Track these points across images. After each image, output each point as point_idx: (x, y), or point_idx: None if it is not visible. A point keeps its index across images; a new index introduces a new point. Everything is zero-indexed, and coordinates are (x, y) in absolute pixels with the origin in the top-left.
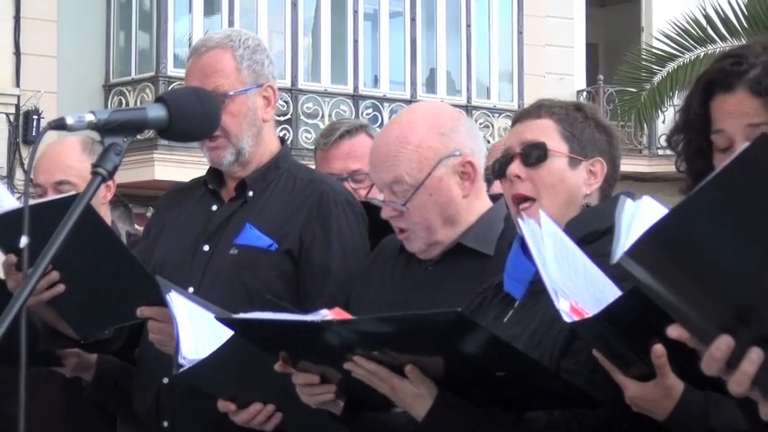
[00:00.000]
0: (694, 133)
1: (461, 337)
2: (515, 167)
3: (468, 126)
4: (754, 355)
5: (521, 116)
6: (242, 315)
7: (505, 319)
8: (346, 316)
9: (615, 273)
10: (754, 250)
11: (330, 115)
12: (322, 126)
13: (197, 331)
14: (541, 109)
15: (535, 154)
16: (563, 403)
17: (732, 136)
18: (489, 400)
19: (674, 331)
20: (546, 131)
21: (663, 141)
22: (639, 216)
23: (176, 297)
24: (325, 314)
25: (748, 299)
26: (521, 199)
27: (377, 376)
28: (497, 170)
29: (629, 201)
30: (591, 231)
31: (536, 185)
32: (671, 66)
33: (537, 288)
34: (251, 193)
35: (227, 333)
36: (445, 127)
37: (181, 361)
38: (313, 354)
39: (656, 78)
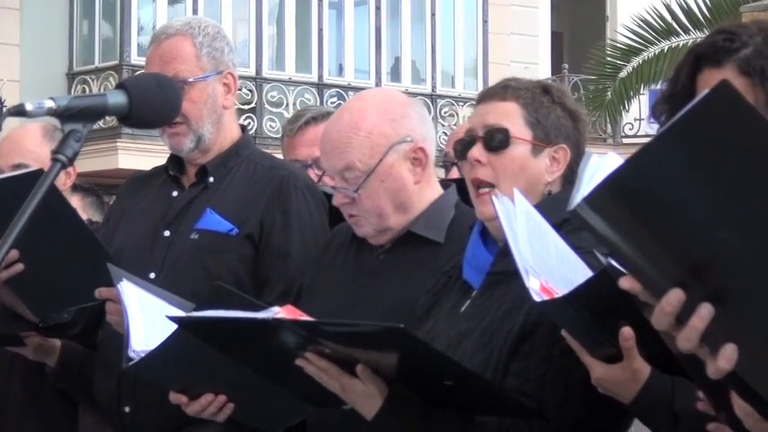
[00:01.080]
0: (679, 105)
1: (406, 350)
2: (476, 152)
3: (418, 112)
4: (705, 311)
5: (486, 96)
6: (193, 314)
7: (462, 309)
8: (298, 314)
9: (572, 219)
10: (712, 203)
11: (294, 104)
12: (287, 115)
13: (148, 322)
14: (507, 90)
15: (497, 139)
16: (510, 414)
17: None
18: (441, 402)
19: (626, 283)
20: (510, 116)
21: (627, 130)
22: (603, 169)
23: (128, 286)
24: (276, 311)
25: (703, 254)
26: (479, 183)
27: (327, 374)
28: (459, 151)
29: (594, 155)
30: (566, 217)
31: (496, 171)
32: (636, 60)
33: (494, 279)
34: (211, 179)
35: None
36: (396, 113)
37: (130, 354)
38: (265, 350)
39: (622, 73)
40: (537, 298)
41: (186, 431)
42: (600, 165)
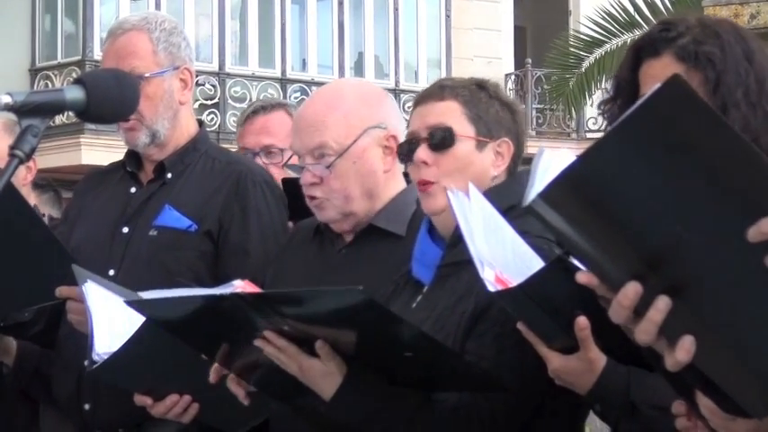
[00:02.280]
0: (623, 99)
1: (367, 317)
2: (422, 153)
3: (392, 104)
4: (662, 303)
5: (423, 98)
6: (148, 294)
7: (414, 305)
8: (257, 289)
9: (529, 214)
10: (666, 197)
11: (258, 99)
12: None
13: (113, 323)
14: (444, 90)
15: (442, 138)
16: (470, 386)
17: None
18: (400, 380)
19: (583, 277)
20: (451, 114)
21: (591, 125)
22: (557, 164)
23: (92, 287)
24: (237, 285)
25: (659, 247)
26: (426, 185)
27: (285, 353)
28: (405, 154)
29: (547, 151)
30: (509, 205)
31: (443, 170)
32: (598, 52)
33: (444, 272)
34: (169, 175)
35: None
36: (372, 99)
37: (94, 357)
38: (225, 333)
39: (585, 64)
40: (492, 288)
41: (146, 426)
42: (553, 160)
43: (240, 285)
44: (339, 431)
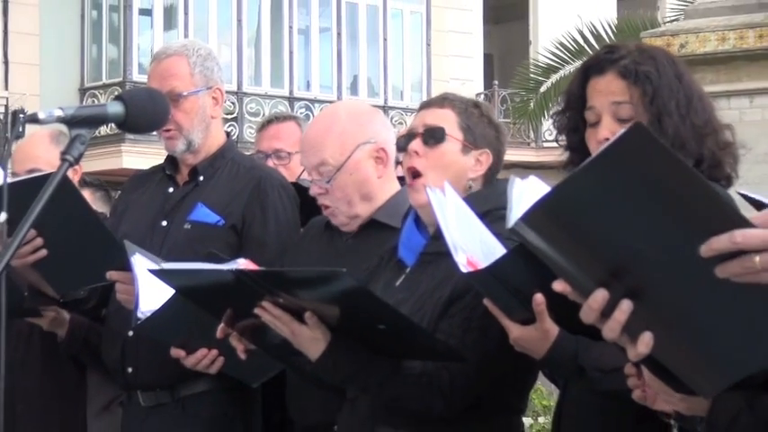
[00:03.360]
0: (572, 111)
1: (348, 294)
2: (415, 144)
3: (382, 120)
4: (625, 306)
5: (427, 104)
6: (169, 265)
7: (397, 284)
8: (257, 267)
9: (511, 236)
10: (626, 221)
11: (270, 113)
12: None
13: (154, 288)
14: (445, 101)
15: (434, 135)
16: (433, 356)
17: (600, 112)
18: (376, 348)
19: (558, 286)
20: (446, 119)
21: (547, 135)
22: (528, 190)
23: (139, 259)
24: (241, 263)
25: (621, 260)
26: (414, 172)
27: (280, 320)
28: (402, 145)
29: (517, 179)
30: (486, 209)
31: (429, 162)
32: (554, 77)
33: (426, 259)
34: (201, 178)
35: None
36: (363, 118)
37: (139, 315)
38: (230, 300)
39: (543, 87)
40: (464, 270)
41: (178, 385)
42: (524, 187)
43: (243, 263)
44: (325, 386)
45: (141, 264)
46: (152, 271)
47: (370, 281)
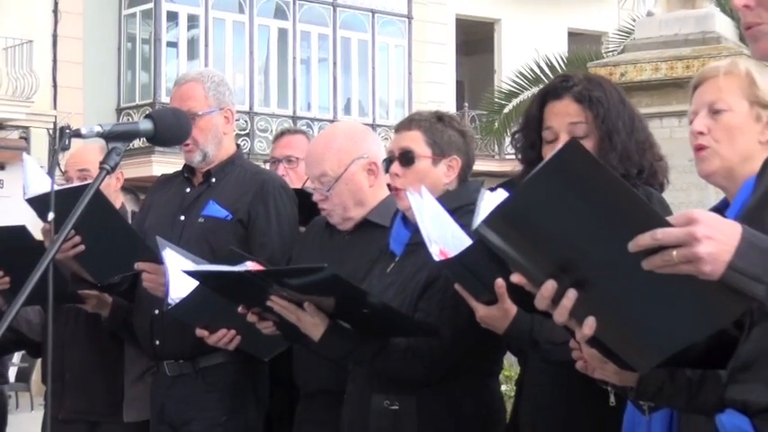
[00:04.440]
0: (530, 130)
1: (332, 285)
2: (395, 167)
3: (373, 138)
4: (571, 294)
5: (399, 127)
6: (196, 267)
7: (388, 270)
8: (262, 268)
9: (475, 235)
10: (569, 223)
11: (277, 130)
12: (271, 138)
13: (182, 279)
14: (412, 122)
15: (407, 158)
16: (412, 333)
17: (558, 131)
18: (366, 329)
19: (515, 278)
20: (414, 140)
21: (509, 150)
22: (493, 199)
23: (169, 253)
24: (249, 265)
25: (567, 256)
26: (397, 190)
27: (287, 309)
28: (385, 167)
29: (486, 191)
30: (458, 206)
31: (408, 180)
32: (515, 100)
33: (412, 249)
34: (214, 180)
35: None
36: (358, 137)
37: (169, 301)
38: (246, 294)
39: (505, 110)
40: (437, 259)
41: (198, 358)
42: (491, 198)
43: (251, 265)
44: (328, 360)
45: (171, 257)
46: (185, 272)
47: (372, 269)
